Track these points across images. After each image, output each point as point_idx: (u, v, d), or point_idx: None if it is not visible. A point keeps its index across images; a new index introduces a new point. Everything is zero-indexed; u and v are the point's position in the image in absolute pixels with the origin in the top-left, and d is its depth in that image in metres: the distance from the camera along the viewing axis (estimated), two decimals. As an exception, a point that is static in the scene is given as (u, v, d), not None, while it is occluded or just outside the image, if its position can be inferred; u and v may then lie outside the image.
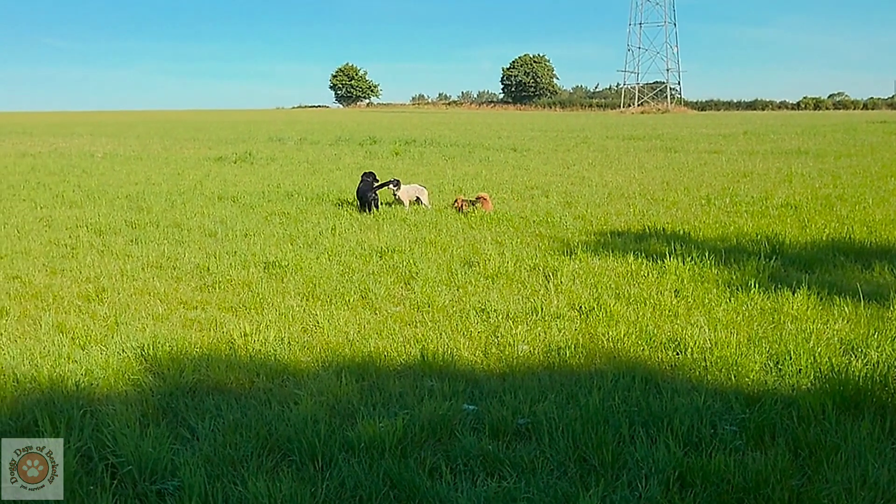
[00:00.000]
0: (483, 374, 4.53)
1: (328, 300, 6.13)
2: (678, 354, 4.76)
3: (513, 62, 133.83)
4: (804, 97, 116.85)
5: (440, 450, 3.57)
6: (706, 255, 7.11)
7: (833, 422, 3.69)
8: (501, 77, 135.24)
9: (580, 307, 5.75)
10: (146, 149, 26.71)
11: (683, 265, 6.86)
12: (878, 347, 4.69)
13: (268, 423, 3.78)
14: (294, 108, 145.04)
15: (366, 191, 10.81)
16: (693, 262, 6.95)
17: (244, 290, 6.48)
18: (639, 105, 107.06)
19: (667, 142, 28.02)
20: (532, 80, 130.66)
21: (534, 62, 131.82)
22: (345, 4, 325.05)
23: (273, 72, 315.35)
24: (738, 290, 6.09)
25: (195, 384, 4.37)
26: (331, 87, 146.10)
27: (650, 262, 7.07)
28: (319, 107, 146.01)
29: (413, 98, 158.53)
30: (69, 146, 28.66)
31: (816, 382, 4.23)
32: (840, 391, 3.97)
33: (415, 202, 11.24)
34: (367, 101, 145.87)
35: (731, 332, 5.08)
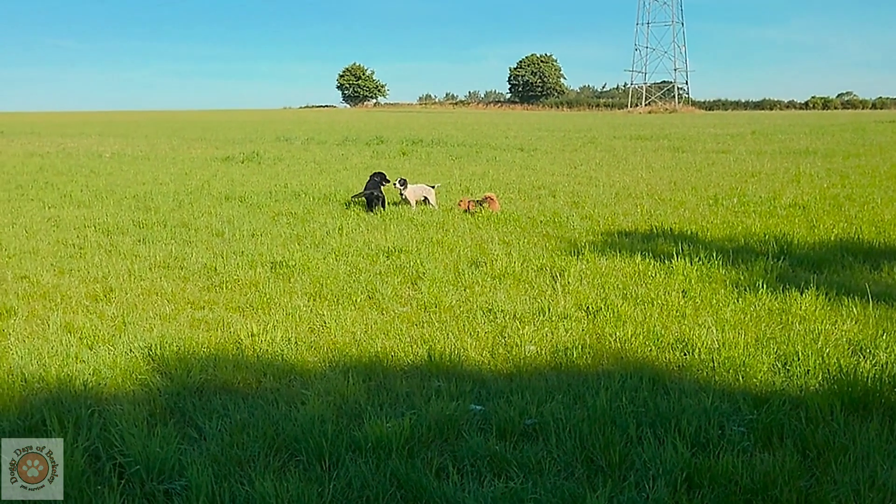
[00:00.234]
0: (490, 375, 4.52)
1: (335, 300, 6.14)
2: (686, 355, 4.75)
3: (520, 62, 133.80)
4: (812, 97, 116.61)
5: (447, 450, 3.57)
6: (714, 256, 7.08)
7: (841, 423, 3.68)
8: (508, 77, 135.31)
9: (587, 307, 5.74)
10: (154, 149, 26.83)
11: (691, 265, 6.84)
12: (887, 348, 4.68)
13: (275, 423, 3.78)
14: (301, 108, 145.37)
15: (371, 190, 10.83)
16: (701, 263, 6.92)
17: (251, 290, 6.50)
18: (646, 105, 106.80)
19: (674, 142, 27.94)
20: (539, 80, 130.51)
21: (541, 62, 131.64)
22: (352, 4, 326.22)
23: (280, 72, 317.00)
24: (746, 291, 6.06)
25: (202, 384, 4.38)
26: (338, 87, 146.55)
27: (658, 263, 7.05)
28: (327, 107, 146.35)
29: (420, 98, 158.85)
30: (77, 146, 28.83)
31: (825, 383, 4.21)
32: (848, 392, 3.95)
33: (422, 202, 11.25)
34: (375, 101, 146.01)
35: (739, 333, 5.06)
